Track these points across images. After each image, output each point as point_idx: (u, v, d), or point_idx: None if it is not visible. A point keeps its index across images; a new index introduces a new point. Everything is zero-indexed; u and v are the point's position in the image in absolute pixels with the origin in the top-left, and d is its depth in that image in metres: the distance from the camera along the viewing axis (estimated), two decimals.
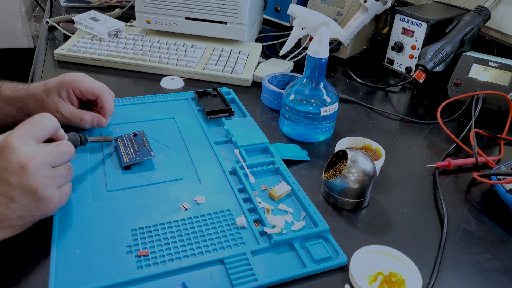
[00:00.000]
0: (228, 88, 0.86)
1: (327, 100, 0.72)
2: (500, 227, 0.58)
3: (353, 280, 0.47)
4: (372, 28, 1.14)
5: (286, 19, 1.25)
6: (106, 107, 0.67)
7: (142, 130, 0.69)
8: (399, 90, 0.97)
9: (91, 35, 1.01)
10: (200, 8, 0.98)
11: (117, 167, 0.62)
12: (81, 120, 0.66)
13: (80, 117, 0.66)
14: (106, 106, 0.67)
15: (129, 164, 0.62)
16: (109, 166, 0.62)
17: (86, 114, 0.66)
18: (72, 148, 0.51)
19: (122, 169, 0.62)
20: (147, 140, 0.67)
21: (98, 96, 0.67)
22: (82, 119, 0.66)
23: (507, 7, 0.99)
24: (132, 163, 0.62)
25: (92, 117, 0.66)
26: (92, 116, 0.67)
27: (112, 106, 0.68)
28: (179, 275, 0.47)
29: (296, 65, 1.00)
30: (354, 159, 0.57)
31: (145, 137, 0.67)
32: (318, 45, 0.67)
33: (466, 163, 0.71)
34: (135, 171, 0.62)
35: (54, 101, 0.64)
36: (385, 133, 0.79)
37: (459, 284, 0.49)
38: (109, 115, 0.68)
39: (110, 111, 0.68)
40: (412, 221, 0.58)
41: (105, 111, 0.67)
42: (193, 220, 0.54)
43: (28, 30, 2.03)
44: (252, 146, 0.68)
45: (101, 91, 0.67)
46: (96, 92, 0.66)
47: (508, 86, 0.82)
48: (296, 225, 0.54)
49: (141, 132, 0.68)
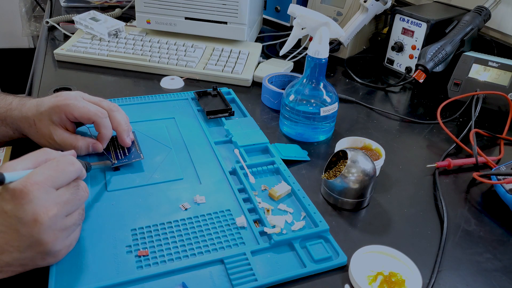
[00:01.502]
0: (228, 88, 0.86)
1: (327, 100, 0.72)
2: (500, 227, 0.58)
3: (353, 280, 0.47)
4: (372, 28, 1.14)
5: (286, 19, 1.25)
6: (103, 132, 0.61)
7: (134, 131, 0.69)
8: (399, 90, 0.97)
9: (91, 35, 1.01)
10: (200, 8, 0.98)
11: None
12: (75, 147, 0.60)
13: (73, 145, 0.60)
14: (103, 131, 0.61)
15: (118, 166, 0.62)
16: (109, 166, 0.62)
17: (80, 141, 0.61)
18: (87, 191, 0.48)
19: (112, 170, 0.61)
20: (137, 141, 0.66)
21: (94, 122, 0.60)
22: (76, 147, 0.60)
23: (507, 7, 0.99)
24: (120, 165, 0.62)
25: (87, 144, 0.61)
26: (87, 143, 0.61)
27: (109, 131, 0.62)
28: (179, 275, 0.47)
29: (296, 65, 1.00)
30: (354, 159, 0.57)
31: (136, 139, 0.67)
32: (318, 45, 0.67)
33: (466, 163, 0.71)
34: (135, 171, 0.62)
35: (47, 127, 0.59)
36: (385, 133, 0.79)
37: (459, 284, 0.49)
38: (106, 140, 0.62)
39: (107, 136, 0.62)
40: (412, 221, 0.58)
41: (102, 137, 0.61)
42: (193, 220, 0.54)
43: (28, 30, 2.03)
44: (252, 146, 0.68)
45: (97, 116, 0.60)
46: (91, 117, 0.59)
47: (508, 86, 0.82)
48: (296, 225, 0.54)
49: (132, 134, 0.68)
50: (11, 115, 0.60)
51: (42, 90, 0.83)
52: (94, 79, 0.90)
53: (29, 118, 0.59)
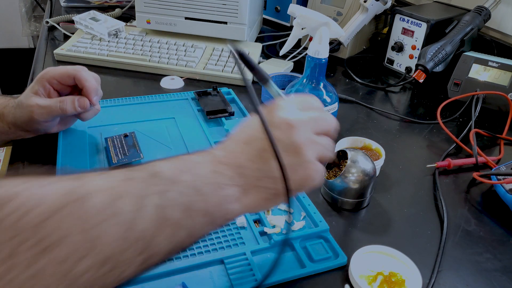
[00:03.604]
0: (228, 88, 0.86)
1: (327, 100, 0.72)
2: (500, 227, 0.58)
3: (353, 280, 0.47)
4: (372, 28, 1.14)
5: (286, 19, 1.25)
6: (86, 85, 0.60)
7: (134, 131, 0.69)
8: (399, 90, 0.97)
9: (91, 35, 1.01)
10: (200, 8, 0.98)
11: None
12: (60, 108, 0.59)
13: (59, 106, 0.59)
14: (86, 84, 0.60)
15: (118, 165, 0.62)
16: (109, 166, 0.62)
17: (63, 100, 0.60)
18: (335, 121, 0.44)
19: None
20: (137, 141, 0.66)
21: (74, 76, 0.60)
22: (62, 108, 0.59)
23: (507, 7, 0.99)
24: (120, 164, 0.62)
25: (71, 99, 0.60)
26: (71, 98, 0.60)
27: (92, 84, 0.61)
28: (179, 275, 0.47)
29: (296, 65, 1.00)
30: (354, 159, 0.57)
31: (136, 139, 0.67)
32: (318, 45, 0.67)
33: (466, 163, 0.71)
34: None
35: (30, 98, 0.60)
36: (385, 133, 0.79)
37: (459, 284, 0.49)
38: (93, 92, 0.61)
39: (91, 88, 0.60)
40: (412, 221, 0.58)
41: (87, 90, 0.60)
42: None
43: (28, 30, 2.03)
44: None
45: (76, 70, 0.60)
46: (70, 72, 0.60)
47: (508, 86, 0.82)
48: (296, 225, 0.54)
49: (132, 134, 0.68)
50: (8, 109, 0.62)
51: None
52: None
53: (19, 100, 0.61)
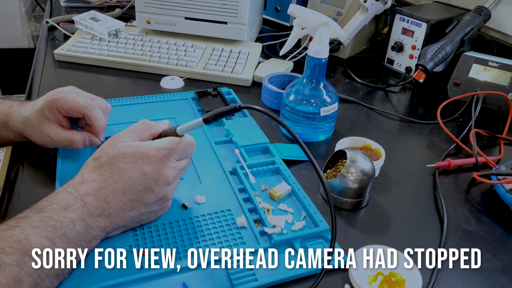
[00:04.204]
0: (228, 88, 0.86)
1: (327, 100, 0.72)
2: (500, 227, 0.58)
3: (353, 280, 0.47)
4: (372, 28, 1.14)
5: (286, 19, 1.25)
6: (95, 125, 0.60)
7: None
8: (399, 90, 0.97)
9: (91, 35, 1.01)
10: (200, 8, 0.98)
11: None
12: (71, 142, 0.59)
13: (69, 139, 0.59)
14: (95, 124, 0.60)
15: None
16: None
17: (75, 135, 0.60)
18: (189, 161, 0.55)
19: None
20: None
21: (84, 114, 0.59)
22: (72, 140, 0.59)
23: (507, 7, 0.99)
24: None
25: (83, 137, 0.60)
26: (83, 136, 0.60)
27: (101, 122, 0.61)
28: (179, 275, 0.47)
29: (296, 65, 1.00)
30: (353, 159, 0.57)
31: None
32: (318, 45, 0.67)
33: (466, 163, 0.71)
34: None
35: (41, 125, 0.59)
36: (385, 133, 0.79)
37: (459, 284, 0.49)
38: (101, 132, 0.61)
39: (100, 128, 0.61)
40: (412, 221, 0.58)
41: (95, 129, 0.60)
42: (193, 220, 0.54)
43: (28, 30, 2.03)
44: (252, 146, 0.68)
45: (86, 108, 0.59)
46: (80, 109, 0.59)
47: (508, 86, 0.82)
48: (296, 225, 0.54)
49: None
50: (12, 118, 0.61)
51: (42, 90, 0.83)
52: (94, 79, 0.90)
53: (27, 118, 0.59)
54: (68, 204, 0.45)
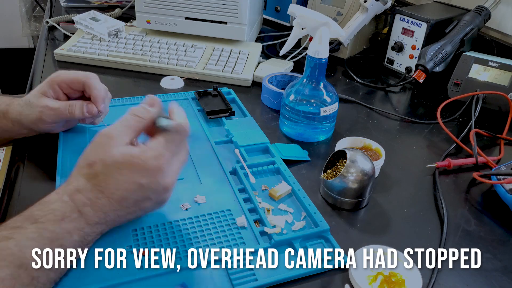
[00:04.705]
0: (228, 88, 0.86)
1: (327, 100, 0.72)
2: (500, 227, 0.58)
3: (353, 280, 0.47)
4: (372, 28, 1.14)
5: (286, 19, 1.25)
6: (95, 93, 0.62)
7: None
8: (399, 90, 0.97)
9: (91, 35, 1.01)
10: (200, 8, 0.98)
11: None
12: (69, 112, 0.61)
13: (68, 109, 0.61)
14: (95, 92, 0.62)
15: None
16: None
17: (73, 104, 0.61)
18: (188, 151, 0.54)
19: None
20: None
21: (84, 83, 0.62)
22: (71, 111, 0.61)
23: (507, 7, 0.99)
24: None
25: (81, 103, 0.61)
26: (81, 103, 0.61)
27: (101, 92, 0.62)
28: (179, 275, 0.47)
29: (296, 65, 1.00)
30: (353, 159, 0.57)
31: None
32: (318, 45, 0.67)
33: (466, 163, 0.71)
34: None
35: (41, 101, 0.60)
36: (385, 133, 0.79)
37: (459, 284, 0.49)
38: (100, 101, 0.62)
39: (100, 97, 0.62)
40: (412, 221, 0.58)
41: (95, 98, 0.62)
42: (193, 220, 0.54)
43: (28, 30, 2.03)
44: (253, 146, 0.68)
45: (86, 77, 0.62)
46: (80, 78, 0.61)
47: (508, 86, 0.82)
48: (296, 225, 0.54)
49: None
50: (12, 106, 0.62)
51: None
52: None
53: (27, 98, 0.61)
54: (64, 215, 0.44)
